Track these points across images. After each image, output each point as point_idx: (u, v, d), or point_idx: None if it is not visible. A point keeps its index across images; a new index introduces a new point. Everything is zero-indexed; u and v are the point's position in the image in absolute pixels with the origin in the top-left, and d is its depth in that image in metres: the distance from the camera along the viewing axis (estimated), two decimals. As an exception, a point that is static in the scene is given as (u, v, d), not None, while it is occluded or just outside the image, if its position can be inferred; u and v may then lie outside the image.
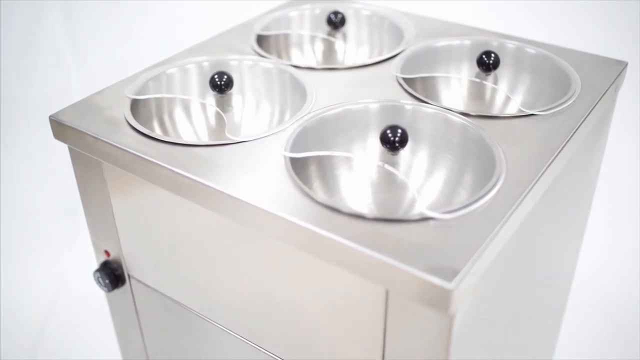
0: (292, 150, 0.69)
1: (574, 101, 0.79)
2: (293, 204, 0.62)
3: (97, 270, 0.89)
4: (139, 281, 0.87)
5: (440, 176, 0.76)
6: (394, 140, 0.68)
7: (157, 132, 0.82)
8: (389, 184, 0.76)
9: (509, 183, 0.65)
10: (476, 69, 0.87)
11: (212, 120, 0.87)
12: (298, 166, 0.70)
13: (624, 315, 1.36)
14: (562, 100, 0.78)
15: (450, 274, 0.54)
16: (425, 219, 0.60)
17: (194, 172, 0.68)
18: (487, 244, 0.58)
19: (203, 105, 0.87)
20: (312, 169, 0.73)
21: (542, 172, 0.67)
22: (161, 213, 0.76)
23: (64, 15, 1.79)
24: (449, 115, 0.75)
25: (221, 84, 0.81)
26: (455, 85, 0.91)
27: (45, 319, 1.38)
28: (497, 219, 0.60)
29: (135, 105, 0.81)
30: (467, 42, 0.92)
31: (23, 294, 1.44)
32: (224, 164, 0.69)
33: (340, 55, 1.02)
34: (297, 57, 1.02)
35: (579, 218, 0.99)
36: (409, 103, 0.77)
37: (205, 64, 0.87)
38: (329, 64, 1.02)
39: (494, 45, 0.92)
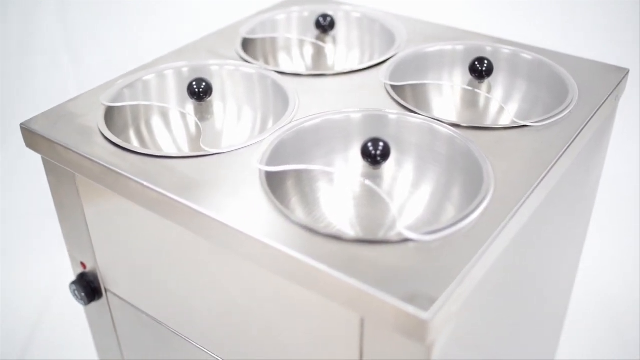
0: (269, 163, 0.66)
1: (570, 111, 0.75)
2: (267, 223, 0.59)
3: (73, 283, 0.86)
4: (116, 295, 0.83)
5: (426, 189, 0.72)
6: (375, 154, 0.64)
7: (134, 142, 0.79)
8: (372, 198, 0.73)
9: (497, 201, 0.61)
10: (469, 76, 0.83)
11: (192, 129, 0.83)
12: (275, 180, 0.66)
13: (625, 317, 1.32)
14: (557, 111, 0.74)
15: (427, 302, 0.50)
16: (405, 240, 0.57)
17: (164, 186, 0.64)
18: (470, 268, 0.54)
19: (182, 113, 0.83)
20: (290, 184, 0.69)
21: (532, 189, 0.63)
22: (134, 226, 0.73)
23: (60, 14, 1.76)
24: (436, 126, 0.71)
25: (199, 92, 0.77)
26: (447, 93, 0.87)
27: (39, 318, 1.35)
28: (482, 241, 0.56)
29: (110, 113, 0.78)
30: (460, 47, 0.88)
31: (17, 293, 1.41)
32: (196, 177, 0.65)
33: (330, 60, 0.98)
34: (284, 61, 0.98)
35: (578, 229, 0.95)
36: (393, 112, 0.73)
37: (185, 69, 0.83)
38: (317, 69, 0.98)
39: (488, 51, 0.87)
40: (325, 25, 0.95)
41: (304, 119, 0.71)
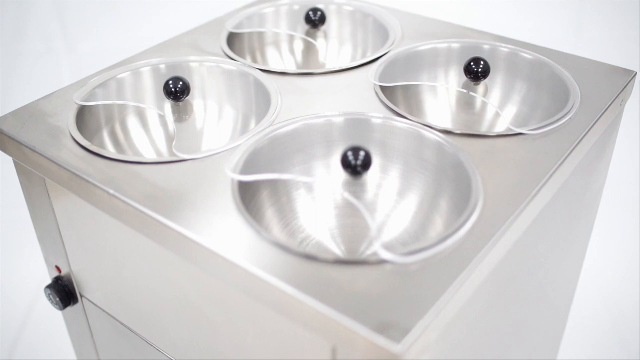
0: (244, 171, 0.61)
1: (570, 118, 0.70)
2: (237, 239, 0.55)
3: (48, 287, 0.83)
4: (91, 301, 0.80)
5: (413, 199, 0.68)
6: (355, 164, 0.60)
7: (107, 144, 0.75)
8: (353, 207, 0.68)
9: (484, 219, 0.56)
10: (465, 77, 0.78)
11: (169, 131, 0.79)
12: (249, 190, 0.62)
13: (627, 320, 1.29)
14: (556, 117, 0.69)
15: (399, 333, 0.46)
16: (383, 262, 0.52)
17: (130, 195, 0.60)
18: (450, 295, 0.50)
19: (159, 114, 0.79)
20: (266, 194, 0.65)
21: (524, 205, 0.58)
22: (105, 234, 0.69)
23: (56, 1, 1.72)
24: (424, 132, 0.66)
25: (176, 91, 0.73)
26: (440, 95, 0.82)
27: (25, 319, 1.33)
28: (464, 265, 0.52)
29: (83, 113, 0.74)
30: (455, 45, 0.83)
31: (3, 292, 1.39)
32: (166, 185, 0.61)
33: (320, 56, 0.93)
34: (273, 58, 0.93)
35: (580, 237, 0.90)
36: (378, 117, 0.68)
37: (162, 66, 0.79)
38: (307, 66, 0.94)
39: (485, 50, 0.82)
40: (315, 20, 0.90)
41: (281, 123, 0.67)
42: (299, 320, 0.51)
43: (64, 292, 0.82)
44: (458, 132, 0.67)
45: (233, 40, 0.89)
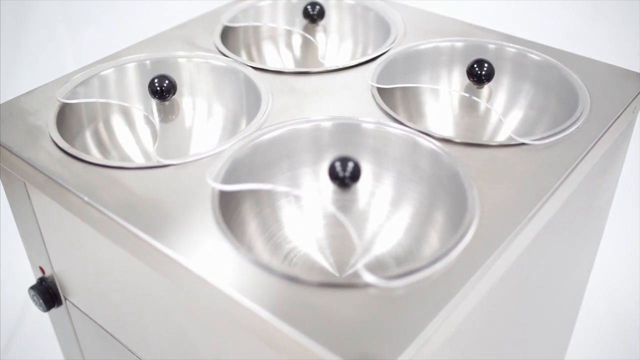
0: (226, 180, 0.58)
1: (577, 127, 0.66)
2: (214, 256, 0.51)
3: (32, 288, 0.80)
4: (74, 305, 0.77)
5: (407, 210, 0.64)
6: (343, 176, 0.56)
7: (90, 145, 0.71)
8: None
9: (480, 238, 0.53)
10: (467, 80, 0.74)
11: (155, 131, 0.75)
12: (232, 200, 0.59)
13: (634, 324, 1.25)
14: (561, 127, 0.65)
15: (380, 368, 0.43)
16: (367, 285, 0.49)
17: (105, 202, 0.57)
18: (439, 322, 0.46)
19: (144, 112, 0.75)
20: (249, 205, 0.61)
21: (523, 224, 0.54)
22: (84, 239, 0.66)
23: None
24: (420, 140, 0.62)
25: (162, 90, 0.69)
26: (441, 99, 0.78)
27: (18, 320, 1.31)
28: (455, 289, 0.48)
29: (65, 111, 0.70)
30: (459, 44, 0.78)
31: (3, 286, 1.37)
32: (144, 192, 0.58)
33: (319, 53, 0.89)
34: (269, 53, 0.89)
35: (586, 248, 0.86)
36: (370, 122, 0.64)
37: (148, 62, 0.75)
38: (304, 63, 0.90)
39: (490, 49, 0.78)
40: (314, 14, 0.86)
41: (267, 129, 0.63)
42: (276, 347, 0.48)
43: (48, 293, 0.79)
44: (457, 140, 0.63)
45: (227, 34, 0.85)
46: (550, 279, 0.76)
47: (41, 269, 0.79)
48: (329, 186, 0.58)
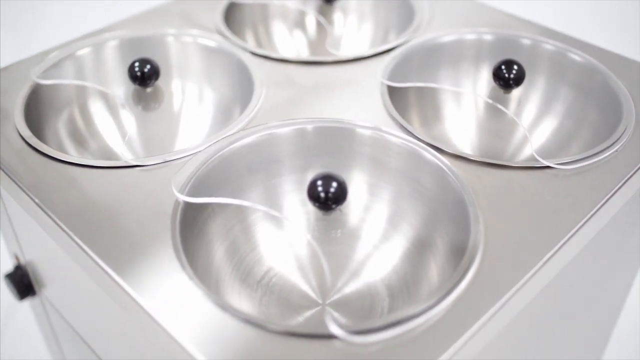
0: (192, 190, 0.50)
1: (616, 151, 0.55)
2: (165, 287, 0.44)
3: (8, 276, 0.75)
4: (47, 297, 0.72)
5: (405, 231, 0.56)
6: (325, 197, 0.48)
7: (61, 133, 0.64)
8: (330, 230, 0.57)
9: (477, 288, 0.44)
10: (493, 82, 0.64)
11: (133, 121, 0.68)
12: (199, 214, 0.51)
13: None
14: (596, 149, 0.55)
15: None
16: (331, 337, 0.41)
17: (55, 207, 0.50)
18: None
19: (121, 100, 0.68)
20: (218, 222, 0.53)
21: (531, 273, 0.45)
22: (48, 239, 0.60)
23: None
24: (424, 153, 0.53)
25: (142, 75, 0.62)
26: (462, 100, 0.68)
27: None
28: (438, 351, 0.40)
29: (37, 92, 0.64)
30: (488, 37, 0.68)
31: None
32: (100, 197, 0.51)
33: (331, 38, 0.80)
34: (279, 34, 0.80)
35: (622, 272, 0.76)
36: (366, 127, 0.55)
37: (131, 40, 0.67)
38: (315, 48, 0.80)
39: (524, 45, 0.67)
40: (328, -6, 0.76)
41: (242, 132, 0.55)
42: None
43: (22, 282, 0.74)
44: (470, 157, 0.54)
45: (233, 11, 0.76)
46: (574, 311, 0.66)
47: (16, 256, 0.74)
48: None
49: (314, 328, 0.42)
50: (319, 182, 0.48)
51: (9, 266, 0.76)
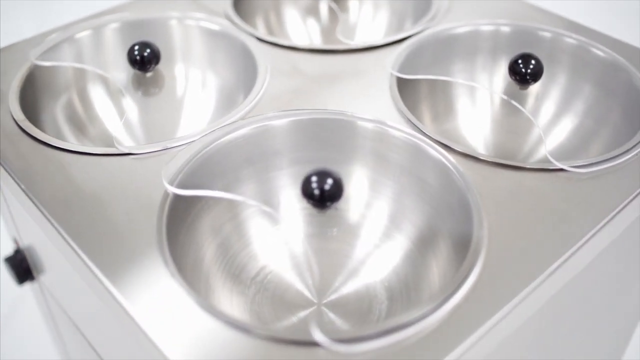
0: (182, 184, 0.48)
1: (636, 154, 0.52)
2: (149, 285, 0.42)
3: (7, 259, 0.74)
4: (44, 283, 0.71)
5: (407, 230, 0.53)
6: (320, 195, 0.45)
7: (59, 117, 0.62)
8: (329, 224, 0.54)
9: (476, 298, 0.41)
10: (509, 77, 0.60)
11: (131, 106, 0.66)
12: (191, 205, 0.49)
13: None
14: (614, 153, 0.51)
15: None
16: (315, 345, 0.39)
17: (41, 195, 0.49)
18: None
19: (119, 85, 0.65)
20: (210, 217, 0.51)
21: (535, 283, 0.42)
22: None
23: None
24: (428, 149, 0.50)
25: (142, 60, 0.60)
26: (476, 95, 0.65)
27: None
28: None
29: (36, 74, 0.62)
30: (505, 29, 0.64)
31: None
32: (88, 186, 0.49)
33: (342, 26, 0.76)
34: (291, 20, 0.77)
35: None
36: (368, 120, 0.52)
37: (132, 23, 0.65)
38: (327, 35, 0.77)
39: (545, 39, 0.63)
40: (342, -22, 0.73)
41: (239, 122, 0.52)
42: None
43: (21, 267, 0.73)
44: (478, 156, 0.51)
45: (244, -6, 0.74)
46: (585, 321, 0.63)
47: (15, 240, 0.73)
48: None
49: (298, 334, 0.39)
50: (314, 179, 0.45)
51: (9, 250, 0.75)
